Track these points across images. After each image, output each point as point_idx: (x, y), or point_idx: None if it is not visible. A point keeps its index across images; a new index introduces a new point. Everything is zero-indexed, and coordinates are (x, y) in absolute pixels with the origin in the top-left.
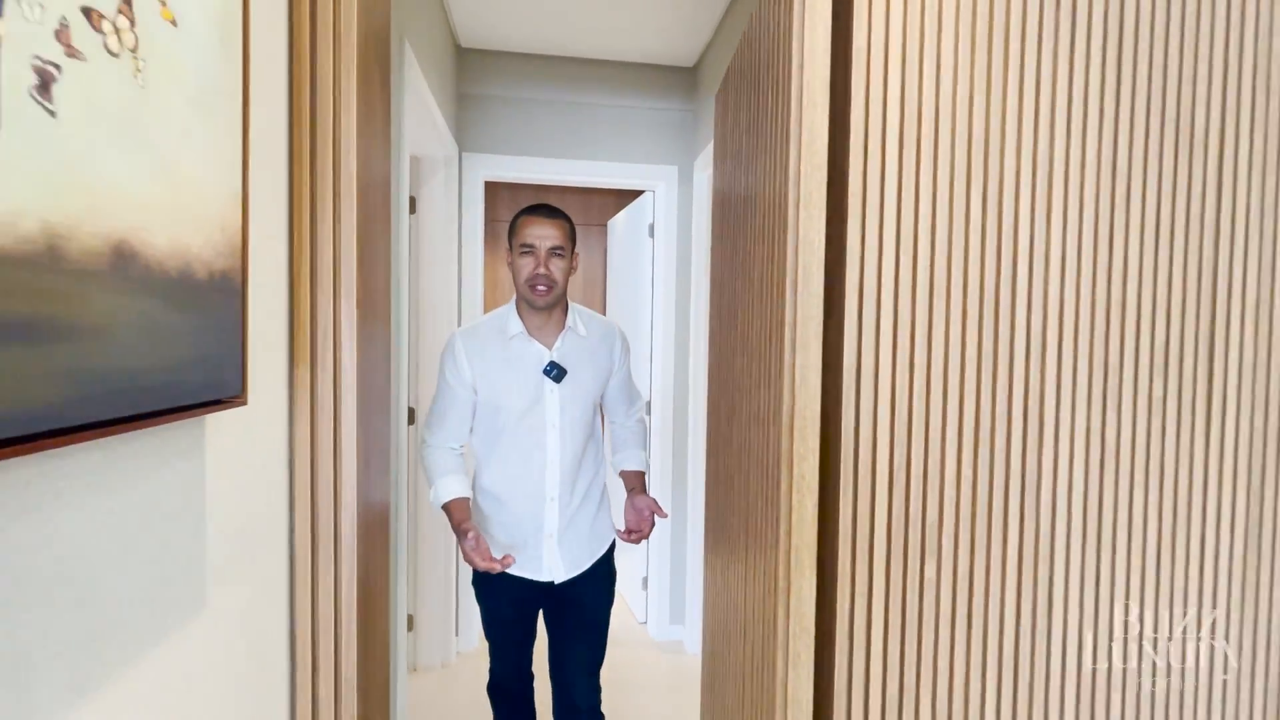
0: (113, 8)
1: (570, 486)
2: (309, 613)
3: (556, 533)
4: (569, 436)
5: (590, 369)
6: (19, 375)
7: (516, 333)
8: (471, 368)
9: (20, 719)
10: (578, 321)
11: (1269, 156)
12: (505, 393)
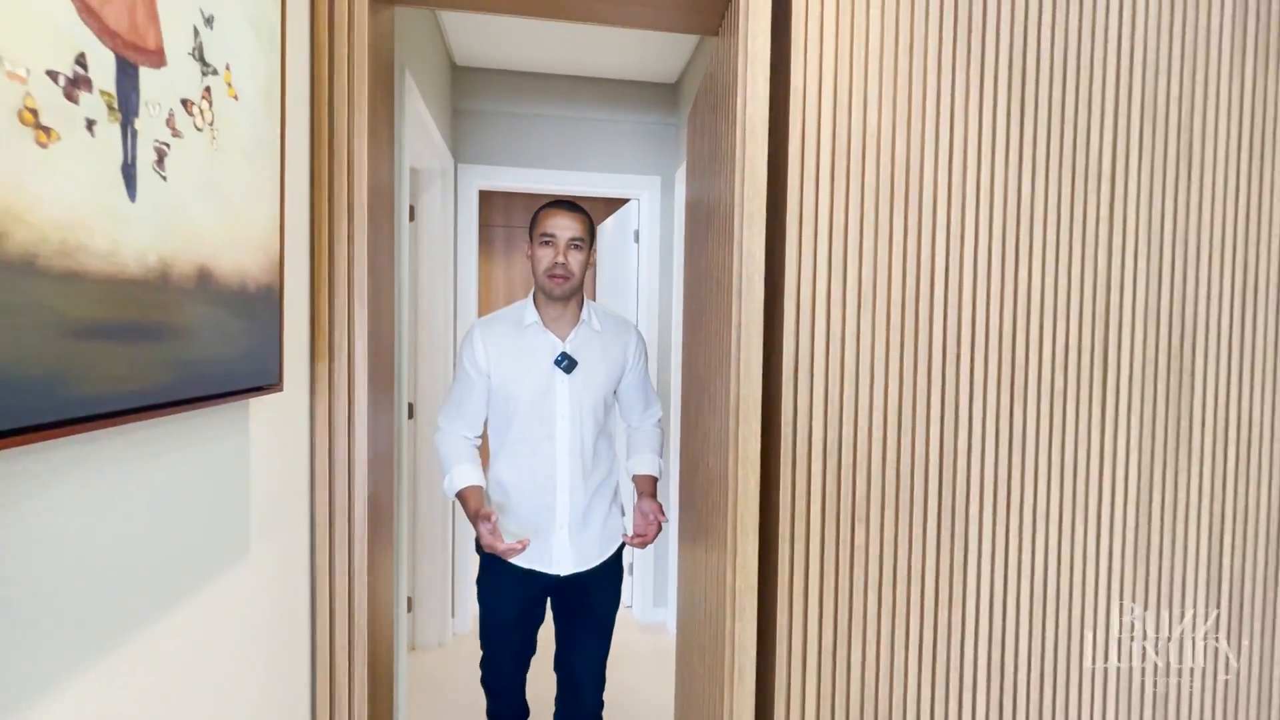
0: (198, 95)
1: (582, 478)
2: (327, 569)
3: (569, 524)
4: (579, 427)
5: (603, 363)
6: (145, 364)
7: (531, 322)
8: (487, 355)
9: (131, 612)
10: (592, 316)
11: (1154, 183)
12: (516, 380)
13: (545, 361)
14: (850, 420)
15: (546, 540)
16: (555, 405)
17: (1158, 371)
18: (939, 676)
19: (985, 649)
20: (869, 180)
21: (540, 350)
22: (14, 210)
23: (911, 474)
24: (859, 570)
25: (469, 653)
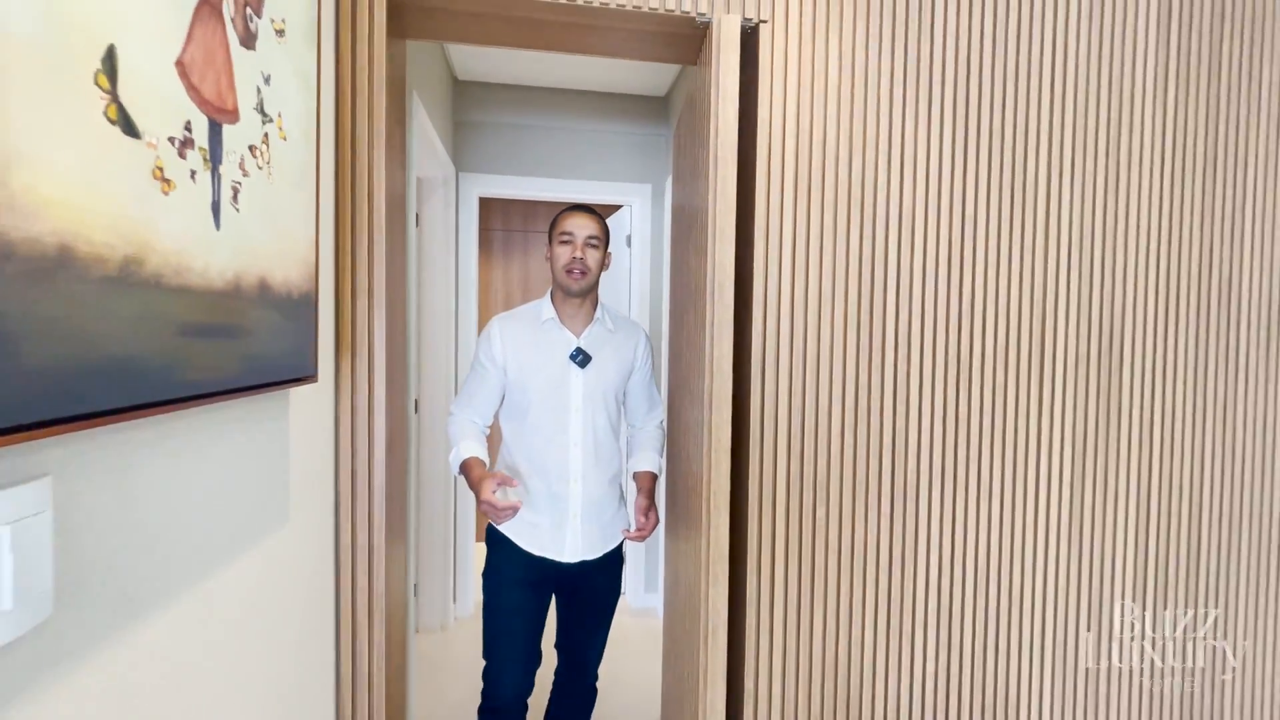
0: (260, 140)
1: (594, 469)
2: (349, 541)
3: (581, 513)
4: (591, 420)
5: (614, 360)
6: (225, 357)
7: (548, 318)
8: (505, 348)
9: (218, 549)
10: (605, 316)
11: (1085, 199)
12: (533, 373)
13: (561, 355)
14: (812, 409)
15: (560, 529)
16: (569, 398)
17: (1089, 367)
18: (891, 636)
19: (934, 612)
20: (828, 197)
21: (556, 345)
22: (149, 243)
23: (867, 457)
24: (819, 542)
25: (469, 635)
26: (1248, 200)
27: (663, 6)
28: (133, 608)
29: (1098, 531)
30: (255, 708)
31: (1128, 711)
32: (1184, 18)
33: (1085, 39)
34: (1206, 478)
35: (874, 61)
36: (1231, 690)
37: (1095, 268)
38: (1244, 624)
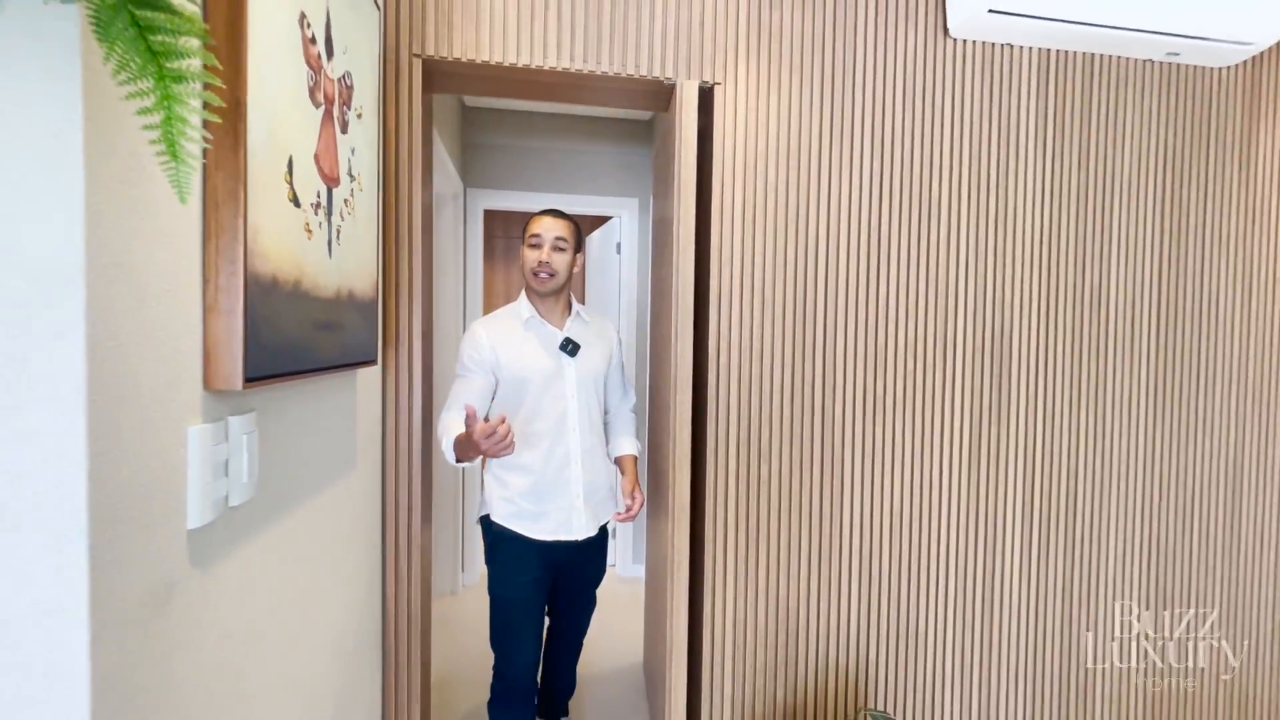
0: (349, 194)
1: (591, 451)
2: (394, 490)
3: (583, 492)
4: (585, 406)
5: (598, 349)
6: (332, 343)
7: (529, 316)
8: (494, 350)
9: (316, 475)
10: (580, 311)
11: (979, 221)
12: (528, 369)
13: (551, 348)
14: (757, 389)
15: (567, 510)
16: (565, 386)
17: (983, 357)
18: (821, 571)
19: (855, 552)
20: (769, 219)
21: (543, 339)
22: (304, 270)
23: (801, 427)
24: (762, 495)
25: (477, 600)
26: (1112, 224)
27: (638, 73)
28: (284, 501)
29: (989, 489)
30: (339, 586)
31: (1009, 629)
32: (1059, 73)
33: (978, 91)
34: (1080, 446)
35: (805, 113)
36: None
37: (988, 277)
38: (1102, 556)
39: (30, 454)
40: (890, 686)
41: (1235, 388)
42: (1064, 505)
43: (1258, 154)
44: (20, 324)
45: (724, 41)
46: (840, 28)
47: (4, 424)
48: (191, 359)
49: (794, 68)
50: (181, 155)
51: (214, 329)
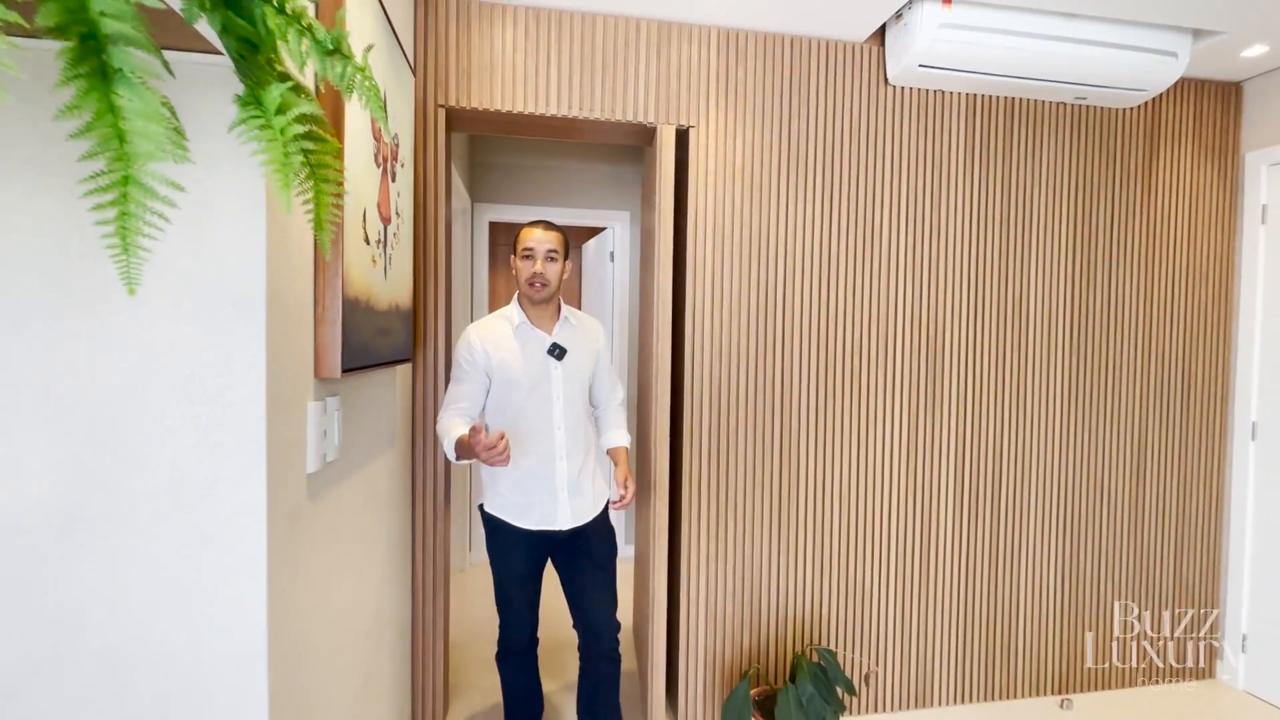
0: (397, 228)
1: (575, 448)
2: (423, 466)
3: (567, 487)
4: (571, 406)
5: (584, 351)
6: (385, 345)
7: (520, 322)
8: (487, 353)
9: (370, 448)
10: (569, 315)
11: (915, 240)
12: (517, 372)
13: (539, 352)
14: (726, 383)
15: (551, 503)
16: (551, 388)
17: (920, 355)
18: (782, 537)
19: (811, 521)
20: (737, 240)
21: (533, 344)
22: (372, 291)
23: (763, 415)
24: (732, 472)
25: (481, 578)
26: (1031, 243)
27: (625, 118)
28: (352, 465)
29: (925, 468)
30: (382, 540)
31: (941, 585)
32: (984, 114)
33: (914, 130)
34: (1003, 433)
35: (766, 150)
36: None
37: (923, 288)
38: (1023, 525)
39: (234, 413)
40: (841, 633)
41: (1139, 382)
42: (990, 482)
43: (1157, 181)
44: (228, 333)
45: (697, 91)
46: (795, 78)
47: (220, 395)
48: (309, 356)
49: (757, 112)
50: (326, 226)
51: (322, 335)
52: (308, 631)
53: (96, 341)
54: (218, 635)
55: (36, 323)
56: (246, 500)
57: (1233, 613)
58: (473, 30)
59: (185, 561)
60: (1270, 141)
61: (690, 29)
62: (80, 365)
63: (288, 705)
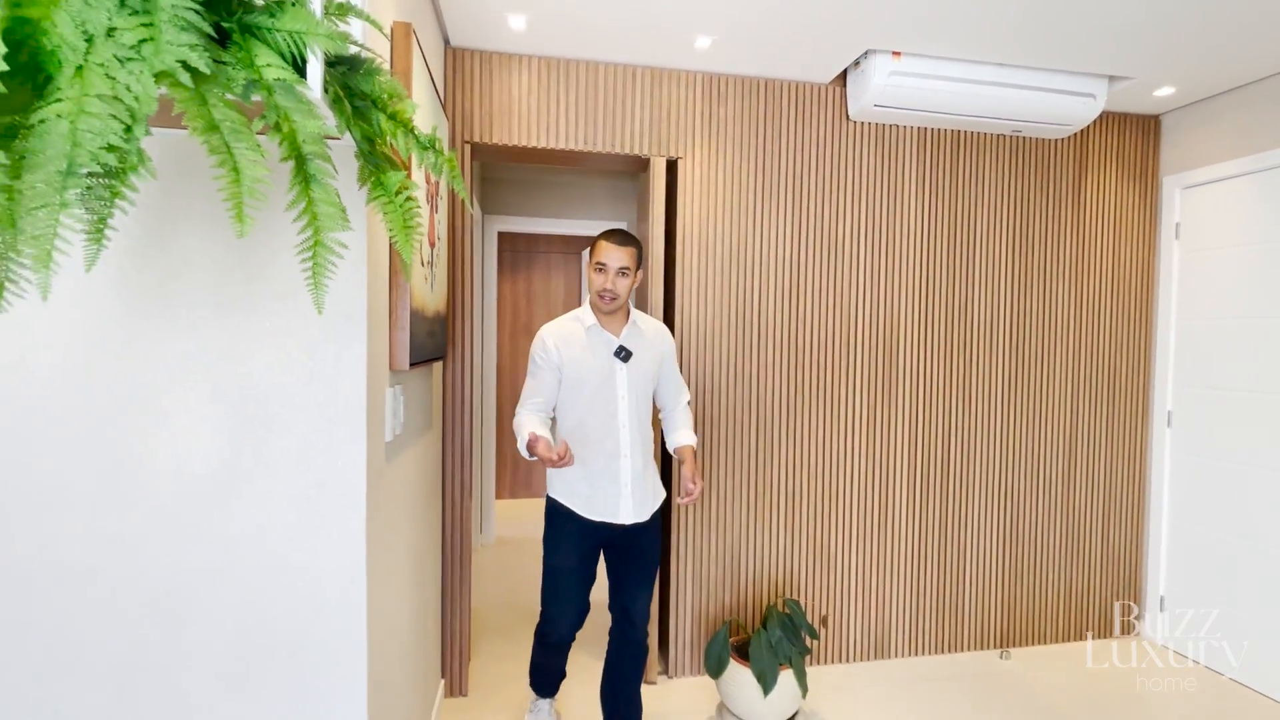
0: (438, 249)
1: (639, 446)
2: (452, 448)
3: (630, 483)
4: (634, 406)
5: (648, 355)
6: (431, 343)
7: (591, 324)
8: (559, 353)
9: (416, 427)
10: (637, 320)
11: (873, 254)
12: (586, 370)
13: (606, 353)
14: (710, 378)
15: (614, 498)
16: (617, 388)
17: (876, 352)
18: (757, 510)
19: (782, 497)
20: (718, 255)
21: (600, 345)
22: (424, 302)
23: (742, 405)
24: (716, 453)
25: (491, 556)
26: (975, 256)
27: (622, 151)
28: (408, 440)
29: (883, 450)
30: (425, 503)
31: (897, 550)
32: (933, 144)
33: (871, 159)
34: (951, 420)
35: (744, 178)
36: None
37: (880, 296)
38: (969, 500)
39: (343, 394)
40: (809, 591)
41: (1070, 377)
42: (939, 462)
43: (1085, 202)
44: (340, 337)
45: (685, 127)
46: (769, 115)
47: (334, 381)
48: (386, 353)
49: (736, 145)
50: (410, 258)
51: (395, 337)
52: (386, 558)
53: (250, 343)
54: (332, 553)
55: (209, 329)
56: (351, 457)
57: (1152, 576)
58: (493, 77)
59: (309, 501)
60: (1182, 167)
61: (679, 74)
62: (239, 359)
63: (376, 610)
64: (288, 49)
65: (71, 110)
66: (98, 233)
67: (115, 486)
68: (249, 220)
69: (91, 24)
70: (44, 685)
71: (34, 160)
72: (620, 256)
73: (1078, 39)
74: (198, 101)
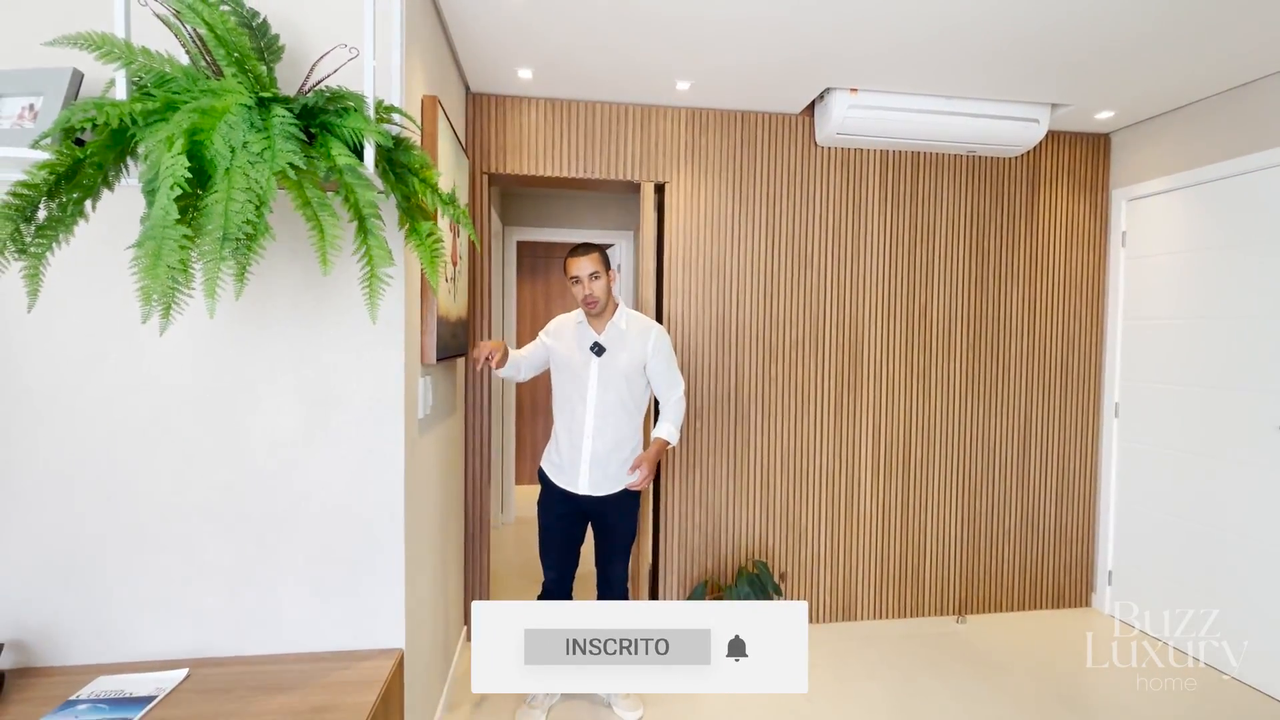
0: (460, 265)
1: (602, 431)
2: (472, 430)
3: (588, 462)
4: (602, 396)
5: (626, 353)
6: (452, 345)
7: (580, 321)
8: (553, 340)
9: (443, 409)
10: (621, 319)
11: (838, 263)
12: (566, 359)
13: (584, 347)
14: (695, 371)
15: (574, 471)
16: (588, 378)
17: (842, 349)
18: (738, 486)
19: (759, 476)
20: (701, 265)
21: (583, 339)
22: (448, 310)
23: (723, 395)
24: (700, 438)
25: (511, 533)
26: (934, 263)
27: (617, 177)
28: (435, 420)
29: (849, 434)
30: (445, 480)
31: (864, 527)
32: (895, 164)
33: (838, 179)
34: (911, 407)
35: (723, 199)
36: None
37: (845, 299)
38: (928, 482)
39: (388, 382)
40: (780, 558)
41: (1025, 373)
42: (900, 446)
43: (1038, 213)
44: (386, 338)
45: (671, 155)
46: (745, 143)
47: (382, 371)
48: (418, 350)
49: (716, 170)
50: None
51: (424, 339)
52: (418, 508)
53: (320, 343)
54: (378, 500)
55: (291, 337)
56: (394, 431)
57: (1102, 550)
58: (507, 117)
59: (361, 462)
60: (1129, 181)
61: (665, 110)
62: (311, 356)
63: (410, 543)
64: (351, 139)
65: (223, 197)
66: (242, 273)
67: (228, 448)
68: (331, 263)
69: (234, 140)
70: (184, 588)
71: (203, 229)
72: (586, 264)
73: (1018, 77)
74: (298, 187)
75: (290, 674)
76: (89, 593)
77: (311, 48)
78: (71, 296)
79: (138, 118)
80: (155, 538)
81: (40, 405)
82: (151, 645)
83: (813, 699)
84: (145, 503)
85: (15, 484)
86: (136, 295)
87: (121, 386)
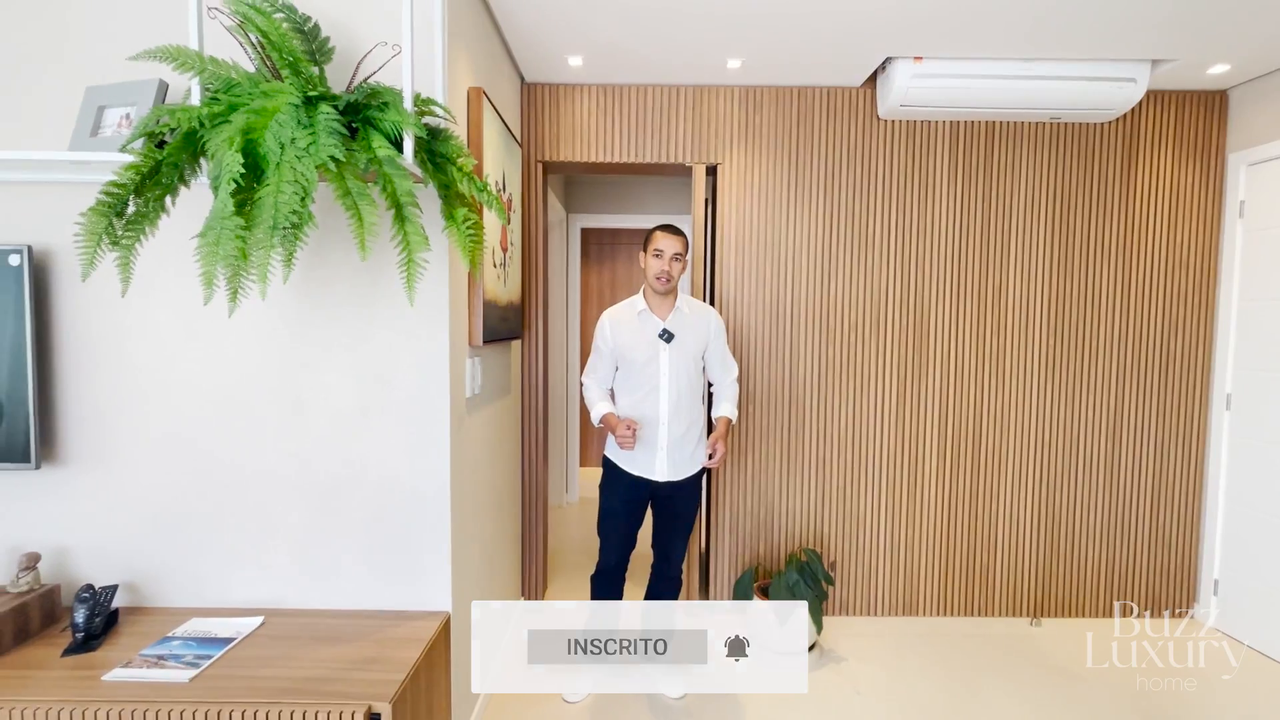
0: (511, 252)
1: (676, 417)
2: (528, 411)
3: (665, 448)
4: (675, 382)
5: (691, 337)
6: (506, 326)
7: (642, 309)
8: (613, 335)
9: (496, 390)
10: (683, 304)
11: (898, 246)
12: (634, 350)
13: (652, 335)
14: (748, 355)
15: (651, 456)
16: (659, 366)
17: (907, 334)
18: (790, 474)
19: (814, 464)
20: (754, 246)
21: (648, 328)
22: (496, 295)
23: (777, 379)
24: (752, 423)
25: (576, 511)
26: (1010, 241)
27: (669, 160)
28: (486, 400)
29: (913, 423)
30: (498, 458)
31: (928, 519)
32: (965, 137)
33: (903, 154)
34: (983, 394)
35: (778, 179)
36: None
37: (910, 280)
38: (1000, 476)
39: (435, 362)
40: (835, 548)
41: (1116, 360)
42: (970, 436)
43: (1135, 183)
44: (432, 321)
45: (723, 136)
46: (802, 120)
47: (428, 351)
48: (465, 333)
49: (771, 149)
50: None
51: (471, 322)
52: (463, 481)
53: (374, 326)
54: (427, 470)
55: (347, 319)
56: (440, 407)
57: (1207, 556)
58: (560, 106)
59: (411, 436)
60: (1249, 143)
61: (718, 90)
62: (364, 337)
63: (456, 513)
64: (391, 131)
65: (274, 190)
66: (289, 259)
67: (292, 420)
68: (369, 249)
69: (283, 137)
70: (259, 546)
71: (256, 220)
72: (674, 244)
73: (1110, 31)
74: (339, 178)
75: (347, 628)
76: (185, 546)
77: (360, 48)
78: (166, 282)
79: (205, 121)
80: (234, 500)
81: (145, 381)
82: (235, 594)
83: (863, 693)
84: (225, 468)
85: (128, 452)
86: (200, 280)
87: (206, 362)
